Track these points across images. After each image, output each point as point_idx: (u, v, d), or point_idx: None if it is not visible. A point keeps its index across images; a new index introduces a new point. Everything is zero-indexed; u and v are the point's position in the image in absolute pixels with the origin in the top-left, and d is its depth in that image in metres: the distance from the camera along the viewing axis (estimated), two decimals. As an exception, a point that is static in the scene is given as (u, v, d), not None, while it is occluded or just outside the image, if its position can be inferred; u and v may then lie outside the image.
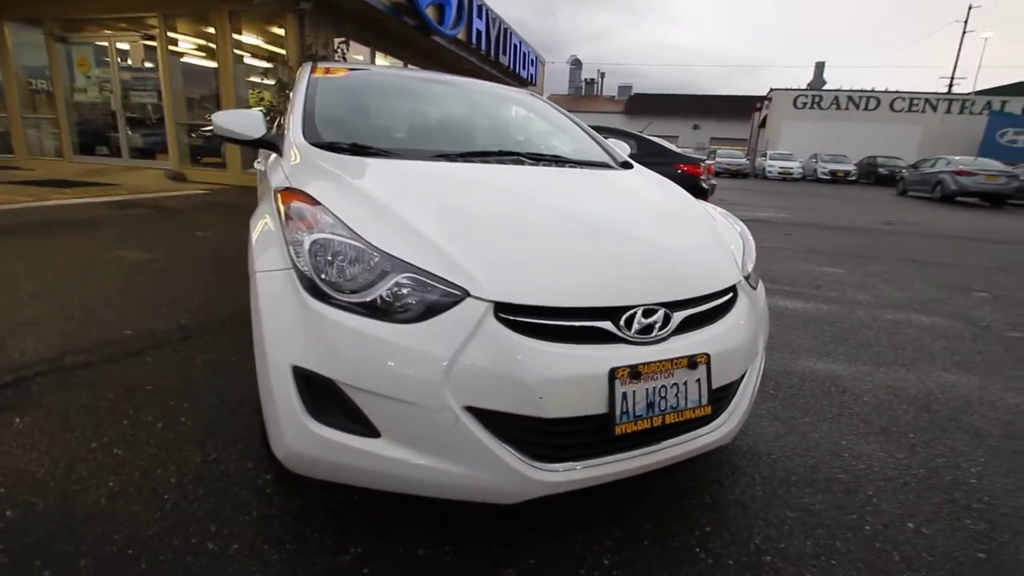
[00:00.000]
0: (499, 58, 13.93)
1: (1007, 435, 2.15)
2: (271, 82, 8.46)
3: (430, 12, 9.62)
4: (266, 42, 9.23)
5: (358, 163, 1.79)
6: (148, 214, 6.11)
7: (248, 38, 9.14)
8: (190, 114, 9.63)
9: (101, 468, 1.64)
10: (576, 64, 33.90)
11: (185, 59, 9.47)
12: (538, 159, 2.20)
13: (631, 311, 1.30)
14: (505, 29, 13.92)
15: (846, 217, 10.37)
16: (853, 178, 24.46)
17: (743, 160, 26.90)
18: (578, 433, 1.26)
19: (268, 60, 8.39)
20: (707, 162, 7.25)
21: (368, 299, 1.23)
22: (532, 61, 17.24)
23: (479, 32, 12.11)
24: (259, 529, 1.43)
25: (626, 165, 2.44)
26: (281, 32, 8.65)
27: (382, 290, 1.23)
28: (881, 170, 23.99)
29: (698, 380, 1.36)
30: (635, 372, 1.26)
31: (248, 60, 9.20)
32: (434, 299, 1.22)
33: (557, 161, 2.24)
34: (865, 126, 29.84)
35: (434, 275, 1.24)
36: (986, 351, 3.12)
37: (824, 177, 24.48)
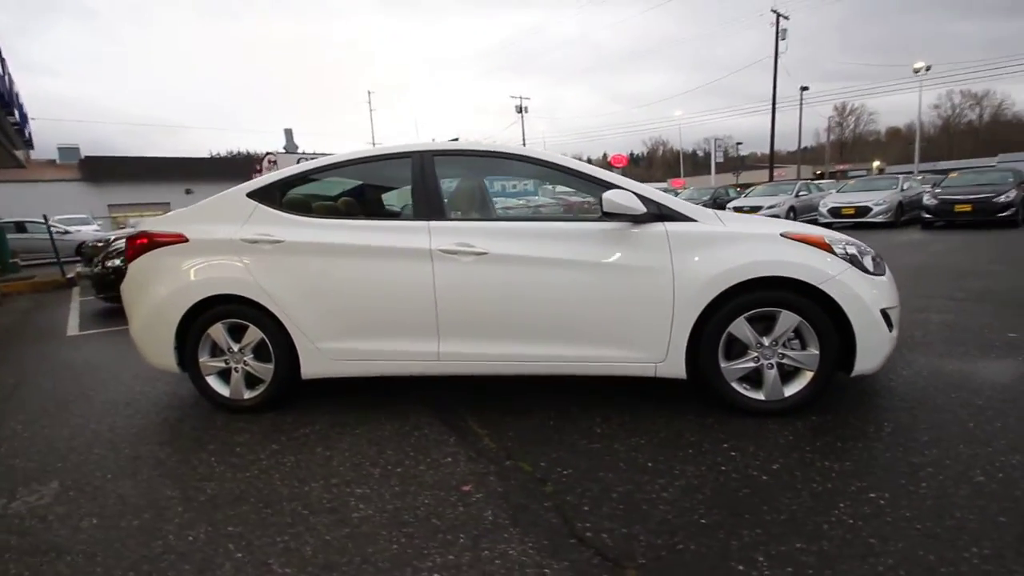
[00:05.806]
0: (13, 112, 9.81)
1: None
2: None
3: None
4: None
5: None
6: None
7: None
8: None
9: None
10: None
11: None
12: None
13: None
14: (8, 75, 9.84)
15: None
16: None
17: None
18: None
19: None
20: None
21: (876, 267, 2.59)
22: (26, 117, 12.56)
23: (-4, 79, 8.30)
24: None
25: None
26: None
27: (874, 261, 2.63)
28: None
29: None
30: None
31: None
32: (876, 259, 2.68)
33: None
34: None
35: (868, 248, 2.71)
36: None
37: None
